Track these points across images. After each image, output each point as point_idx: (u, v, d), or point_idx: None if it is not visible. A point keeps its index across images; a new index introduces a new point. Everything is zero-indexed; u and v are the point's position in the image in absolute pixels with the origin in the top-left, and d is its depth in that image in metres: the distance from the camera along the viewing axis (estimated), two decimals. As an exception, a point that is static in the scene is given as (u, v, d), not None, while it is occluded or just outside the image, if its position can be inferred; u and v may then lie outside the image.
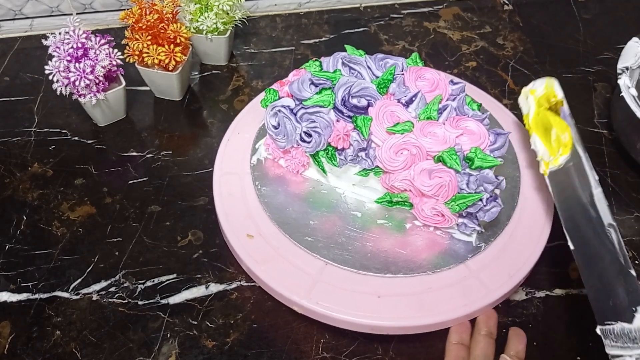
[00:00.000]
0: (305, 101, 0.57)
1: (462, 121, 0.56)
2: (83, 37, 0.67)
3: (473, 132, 0.56)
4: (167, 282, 0.60)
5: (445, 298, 0.55)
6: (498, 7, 0.94)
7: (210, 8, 0.75)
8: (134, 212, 0.66)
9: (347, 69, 0.60)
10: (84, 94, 0.68)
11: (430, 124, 0.56)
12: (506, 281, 0.56)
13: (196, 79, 0.81)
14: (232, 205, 0.61)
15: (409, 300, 0.55)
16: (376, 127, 0.56)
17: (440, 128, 0.55)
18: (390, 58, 0.61)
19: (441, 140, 0.55)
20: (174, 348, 0.56)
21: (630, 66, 0.70)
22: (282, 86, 0.61)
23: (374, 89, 0.57)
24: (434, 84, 0.58)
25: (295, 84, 0.58)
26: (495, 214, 0.56)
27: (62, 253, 0.62)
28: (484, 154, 0.55)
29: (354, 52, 0.61)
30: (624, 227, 0.66)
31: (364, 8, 0.93)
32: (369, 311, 0.54)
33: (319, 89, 0.57)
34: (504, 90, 0.80)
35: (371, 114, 0.56)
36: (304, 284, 0.55)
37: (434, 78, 0.59)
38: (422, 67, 0.60)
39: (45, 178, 0.69)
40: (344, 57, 0.60)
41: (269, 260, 0.57)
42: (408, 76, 0.59)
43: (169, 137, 0.74)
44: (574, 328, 0.58)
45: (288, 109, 0.57)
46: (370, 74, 0.59)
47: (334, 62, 0.60)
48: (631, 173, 0.71)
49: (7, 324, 0.57)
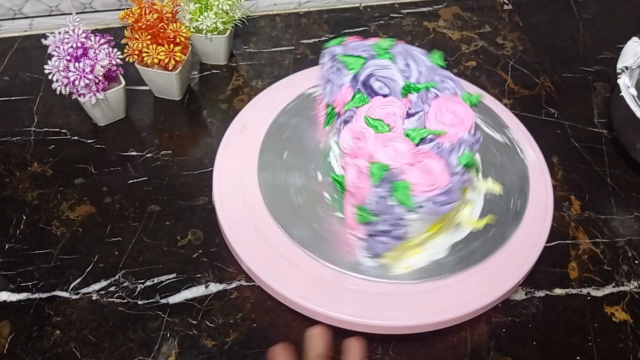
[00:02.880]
0: (340, 56, 0.59)
1: (429, 158, 0.53)
2: (83, 37, 0.67)
3: (429, 171, 0.52)
4: (166, 282, 0.60)
5: (445, 298, 0.55)
6: (498, 6, 0.94)
7: (210, 7, 0.75)
8: (134, 212, 0.66)
9: (404, 61, 0.59)
10: (84, 94, 0.68)
11: (401, 140, 0.54)
12: (506, 281, 0.56)
13: (196, 78, 0.81)
14: (232, 204, 0.61)
15: (408, 300, 0.55)
16: (363, 111, 0.56)
17: (405, 147, 0.53)
18: (450, 80, 0.58)
19: (391, 156, 0.53)
20: (174, 348, 0.56)
21: (629, 66, 0.70)
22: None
23: (400, 87, 0.58)
24: (456, 124, 0.55)
25: (355, 43, 0.60)
26: (379, 250, 0.54)
27: (61, 253, 0.62)
28: (410, 196, 0.51)
29: (437, 60, 0.61)
30: (623, 227, 0.66)
31: (364, 7, 0.92)
32: (369, 311, 0.54)
33: (358, 54, 0.59)
34: (503, 90, 0.80)
35: (375, 100, 0.57)
36: (304, 284, 0.55)
37: (461, 118, 0.55)
38: (456, 99, 0.57)
39: (44, 178, 0.69)
40: (411, 53, 0.60)
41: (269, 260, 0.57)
42: (438, 103, 0.56)
43: (168, 136, 0.74)
44: (574, 328, 0.58)
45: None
46: (415, 76, 0.59)
47: (404, 54, 0.60)
48: (631, 173, 0.71)
49: (6, 323, 0.57)
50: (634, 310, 0.59)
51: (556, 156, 0.72)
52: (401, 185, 0.51)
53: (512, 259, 0.58)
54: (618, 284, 0.61)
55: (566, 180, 0.70)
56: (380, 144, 0.53)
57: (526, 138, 0.69)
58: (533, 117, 0.76)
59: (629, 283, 0.61)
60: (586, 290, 0.61)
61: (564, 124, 0.76)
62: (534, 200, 0.63)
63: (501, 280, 0.56)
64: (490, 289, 0.56)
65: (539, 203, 0.62)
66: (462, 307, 0.54)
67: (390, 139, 0.54)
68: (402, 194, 0.51)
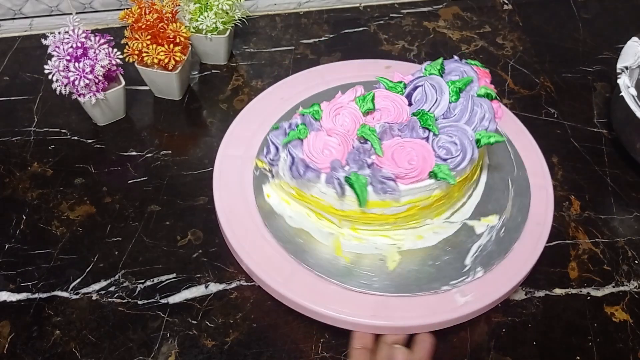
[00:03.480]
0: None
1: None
2: (82, 37, 0.67)
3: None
4: (166, 282, 0.60)
5: (444, 298, 0.55)
6: (498, 6, 0.94)
7: (210, 7, 0.75)
8: (134, 212, 0.66)
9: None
10: (84, 94, 0.68)
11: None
12: (506, 281, 0.56)
13: (196, 78, 0.81)
14: (232, 204, 0.61)
15: (409, 300, 0.55)
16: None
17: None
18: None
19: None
20: (174, 347, 0.56)
21: (629, 66, 0.70)
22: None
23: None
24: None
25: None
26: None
27: (61, 252, 0.62)
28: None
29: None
30: (623, 227, 0.66)
31: (364, 7, 0.92)
32: (369, 311, 0.54)
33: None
34: (503, 90, 0.80)
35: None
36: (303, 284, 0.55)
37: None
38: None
39: (44, 177, 0.69)
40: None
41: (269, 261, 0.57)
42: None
43: (168, 136, 0.74)
44: (574, 328, 0.58)
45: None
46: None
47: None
48: (631, 173, 0.71)
49: (6, 323, 0.57)
50: (634, 310, 0.59)
51: (556, 156, 0.72)
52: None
53: (512, 259, 0.58)
54: (618, 284, 0.61)
55: (566, 180, 0.70)
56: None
57: (526, 138, 0.69)
58: (533, 117, 0.76)
59: (628, 283, 0.61)
60: (586, 290, 0.61)
61: (564, 124, 0.76)
62: (534, 200, 0.62)
63: (501, 280, 0.56)
64: (490, 289, 0.56)
65: (539, 203, 0.62)
66: (462, 307, 0.54)
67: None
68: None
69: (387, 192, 0.53)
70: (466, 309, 0.54)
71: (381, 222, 0.57)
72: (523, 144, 0.68)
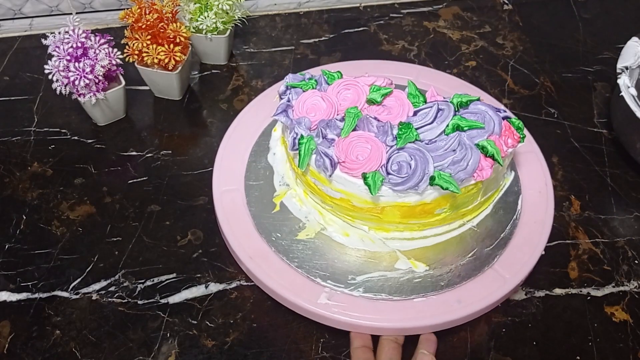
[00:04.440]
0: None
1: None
2: (83, 37, 0.67)
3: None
4: (166, 282, 0.60)
5: (444, 299, 0.55)
6: (498, 6, 0.94)
7: (210, 7, 0.75)
8: (134, 212, 0.66)
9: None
10: (84, 94, 0.68)
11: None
12: (506, 281, 0.56)
13: (196, 78, 0.81)
14: (232, 205, 0.61)
15: (409, 301, 0.55)
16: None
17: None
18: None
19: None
20: (174, 347, 0.56)
21: (629, 66, 0.70)
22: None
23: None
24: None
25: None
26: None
27: (61, 252, 0.62)
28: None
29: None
30: (623, 227, 0.66)
31: (364, 7, 0.92)
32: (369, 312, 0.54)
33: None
34: (503, 90, 0.80)
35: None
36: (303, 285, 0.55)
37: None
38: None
39: (44, 177, 0.69)
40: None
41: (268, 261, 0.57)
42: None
43: (168, 136, 0.74)
44: (574, 328, 0.58)
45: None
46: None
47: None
48: (631, 173, 0.71)
49: (6, 323, 0.57)
50: (634, 310, 0.59)
51: (556, 156, 0.72)
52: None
53: (513, 259, 0.58)
54: (618, 284, 0.61)
55: (566, 180, 0.70)
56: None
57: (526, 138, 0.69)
58: (533, 117, 0.76)
59: (629, 283, 0.61)
60: (586, 290, 0.61)
61: (564, 124, 0.76)
62: (534, 200, 0.62)
63: (501, 280, 0.56)
64: (490, 289, 0.56)
65: (539, 203, 0.62)
66: (462, 307, 0.54)
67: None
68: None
69: (320, 167, 0.53)
70: (466, 310, 0.54)
71: (324, 199, 0.57)
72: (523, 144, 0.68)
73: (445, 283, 0.56)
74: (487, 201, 0.61)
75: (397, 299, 0.55)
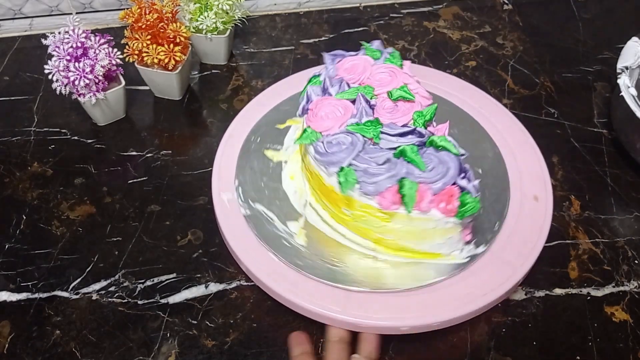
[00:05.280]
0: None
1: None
2: (83, 37, 0.67)
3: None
4: (166, 282, 0.60)
5: (445, 298, 0.55)
6: (498, 6, 0.94)
7: (210, 7, 0.75)
8: (134, 212, 0.66)
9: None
10: (84, 94, 0.68)
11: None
12: (505, 280, 0.56)
13: (196, 78, 0.81)
14: (231, 205, 0.61)
15: (409, 300, 0.55)
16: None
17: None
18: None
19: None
20: (174, 347, 0.56)
21: (629, 66, 0.70)
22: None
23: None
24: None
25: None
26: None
27: (61, 252, 0.62)
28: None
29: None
30: (623, 227, 0.66)
31: (364, 7, 0.92)
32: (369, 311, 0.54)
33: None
34: (503, 90, 0.80)
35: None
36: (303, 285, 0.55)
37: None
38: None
39: (44, 177, 0.69)
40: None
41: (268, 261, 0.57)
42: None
43: (168, 136, 0.74)
44: (574, 328, 0.58)
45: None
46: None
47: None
48: (631, 173, 0.71)
49: (6, 323, 0.57)
50: (634, 310, 0.59)
51: (556, 156, 0.72)
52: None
53: (512, 259, 0.58)
54: (618, 283, 0.61)
55: (566, 180, 0.70)
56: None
57: (526, 138, 0.69)
58: (533, 117, 0.76)
59: (629, 283, 0.61)
60: (586, 290, 0.61)
61: (564, 124, 0.76)
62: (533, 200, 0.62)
63: (501, 280, 0.56)
64: (490, 289, 0.55)
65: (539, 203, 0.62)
66: (462, 307, 0.54)
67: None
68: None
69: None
70: (466, 309, 0.54)
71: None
72: (523, 144, 0.68)
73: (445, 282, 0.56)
74: (411, 252, 0.57)
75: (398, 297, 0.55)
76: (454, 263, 0.57)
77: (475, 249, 0.58)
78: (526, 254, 0.58)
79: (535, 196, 0.63)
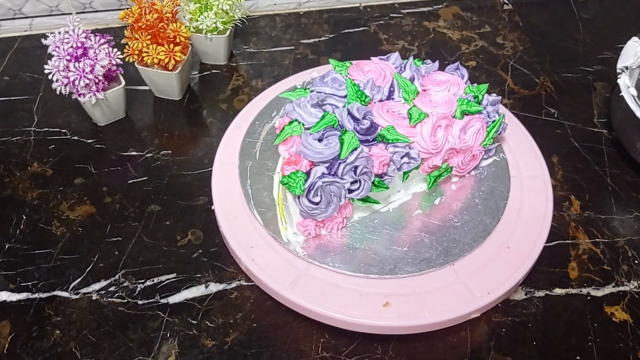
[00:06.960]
0: (313, 127, 0.54)
1: (430, 81, 0.62)
2: (83, 37, 0.67)
3: (447, 80, 0.61)
4: (166, 282, 0.60)
5: (445, 298, 0.55)
6: (498, 6, 0.94)
7: (210, 7, 0.75)
8: (134, 212, 0.66)
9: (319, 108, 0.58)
10: (84, 94, 0.68)
11: (423, 96, 0.59)
12: (506, 280, 0.56)
13: (196, 78, 0.81)
14: (231, 205, 0.61)
15: (409, 300, 0.55)
16: (400, 129, 0.56)
17: (428, 95, 0.60)
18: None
19: (443, 101, 0.59)
20: (174, 347, 0.56)
21: (629, 66, 0.70)
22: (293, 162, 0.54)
23: (359, 106, 0.56)
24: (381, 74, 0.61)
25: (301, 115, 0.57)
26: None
27: (61, 252, 0.62)
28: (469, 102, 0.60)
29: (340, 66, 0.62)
30: (623, 227, 0.66)
31: (364, 7, 0.92)
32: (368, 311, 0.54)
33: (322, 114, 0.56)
34: (503, 90, 0.80)
35: (382, 124, 0.56)
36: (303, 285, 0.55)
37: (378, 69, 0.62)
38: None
39: (44, 177, 0.69)
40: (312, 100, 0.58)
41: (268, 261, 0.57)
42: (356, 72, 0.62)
43: (168, 136, 0.74)
44: (574, 328, 0.58)
45: (325, 175, 0.53)
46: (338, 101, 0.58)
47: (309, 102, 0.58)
48: (631, 173, 0.71)
49: (6, 323, 0.57)
50: (634, 310, 0.59)
51: (556, 156, 0.72)
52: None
53: (512, 259, 0.58)
54: (618, 283, 0.61)
55: (566, 180, 0.70)
56: (432, 107, 0.58)
57: (526, 138, 0.69)
58: (533, 117, 0.76)
59: (629, 283, 0.61)
60: (586, 290, 0.61)
61: (564, 124, 0.76)
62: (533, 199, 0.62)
63: (501, 280, 0.56)
64: (490, 288, 0.56)
65: (539, 203, 0.62)
66: (462, 307, 0.54)
67: (424, 100, 0.59)
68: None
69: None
70: (466, 309, 0.54)
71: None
72: (522, 144, 0.68)
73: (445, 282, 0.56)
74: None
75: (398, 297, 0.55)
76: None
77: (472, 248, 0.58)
78: (526, 253, 0.58)
79: (536, 196, 0.63)
